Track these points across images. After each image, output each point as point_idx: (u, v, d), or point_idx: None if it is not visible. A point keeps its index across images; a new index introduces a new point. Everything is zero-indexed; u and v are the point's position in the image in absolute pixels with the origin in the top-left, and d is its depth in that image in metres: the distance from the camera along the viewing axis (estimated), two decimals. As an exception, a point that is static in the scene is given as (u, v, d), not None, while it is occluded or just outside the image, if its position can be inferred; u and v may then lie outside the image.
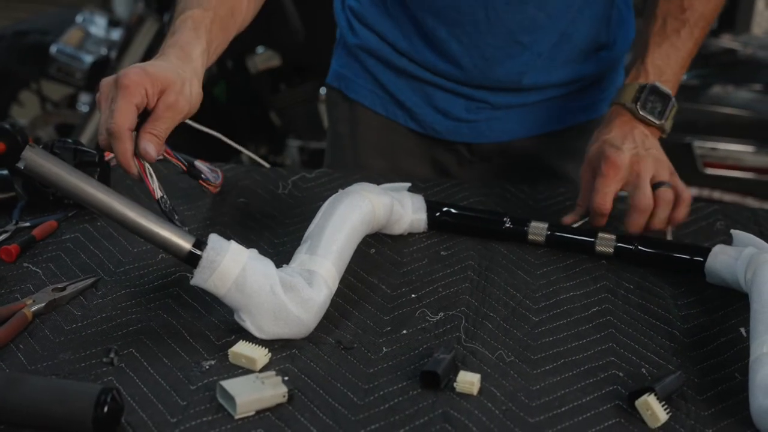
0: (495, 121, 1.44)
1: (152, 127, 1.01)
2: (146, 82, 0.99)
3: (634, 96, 1.23)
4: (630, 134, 1.22)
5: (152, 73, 1.00)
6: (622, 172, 1.18)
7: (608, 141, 1.21)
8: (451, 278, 1.13)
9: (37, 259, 1.14)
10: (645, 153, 1.20)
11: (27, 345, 0.97)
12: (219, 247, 0.96)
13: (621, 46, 1.45)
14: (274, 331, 0.97)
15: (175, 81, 1.01)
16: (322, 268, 1.01)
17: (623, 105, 1.24)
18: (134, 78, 0.99)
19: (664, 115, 1.24)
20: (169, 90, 1.01)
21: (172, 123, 1.02)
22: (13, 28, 3.38)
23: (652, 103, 1.23)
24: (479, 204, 1.34)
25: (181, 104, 1.02)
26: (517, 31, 1.34)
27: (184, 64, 1.05)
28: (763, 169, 2.64)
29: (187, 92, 1.03)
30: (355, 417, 0.88)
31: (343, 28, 1.50)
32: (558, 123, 1.46)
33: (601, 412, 0.90)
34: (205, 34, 1.10)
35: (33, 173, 0.96)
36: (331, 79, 1.55)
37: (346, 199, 1.11)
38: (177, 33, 1.09)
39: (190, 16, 1.11)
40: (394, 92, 1.46)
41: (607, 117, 1.26)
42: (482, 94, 1.41)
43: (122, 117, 0.97)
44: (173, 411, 0.87)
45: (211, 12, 1.12)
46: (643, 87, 1.24)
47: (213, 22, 1.12)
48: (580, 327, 1.04)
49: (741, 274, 1.07)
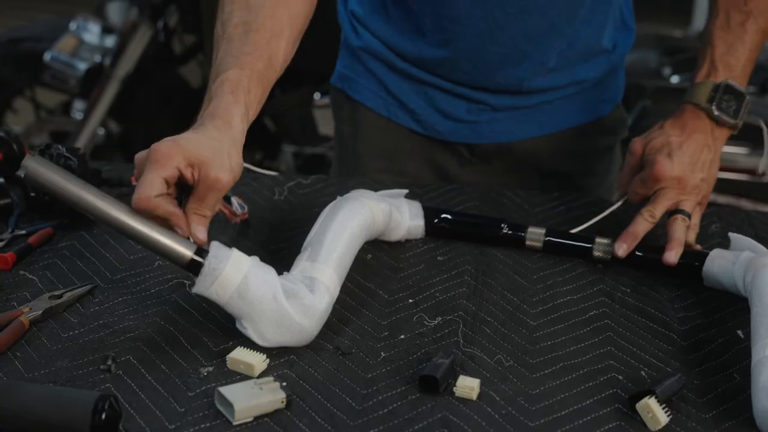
0: (495, 122, 1.44)
1: (197, 207, 0.98)
2: (177, 156, 0.95)
3: (709, 95, 1.21)
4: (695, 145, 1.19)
5: (185, 146, 0.96)
6: (661, 183, 1.18)
7: (669, 144, 1.19)
8: (449, 283, 1.13)
9: (34, 267, 1.14)
10: (693, 175, 1.18)
11: (24, 353, 0.96)
12: (221, 254, 0.96)
13: (622, 49, 1.46)
14: (277, 339, 0.97)
15: (212, 156, 0.97)
16: (323, 275, 1.01)
17: (698, 105, 1.22)
18: (165, 151, 0.95)
19: (739, 114, 1.22)
20: (206, 166, 0.97)
21: (216, 200, 0.99)
22: (7, 35, 3.38)
23: (726, 102, 1.21)
24: (475, 209, 1.34)
25: (224, 180, 0.98)
26: (519, 39, 1.34)
27: (222, 134, 1.01)
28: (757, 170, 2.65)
29: (227, 164, 0.98)
30: (353, 422, 0.87)
31: (346, 31, 1.50)
32: (558, 125, 1.46)
33: (601, 415, 0.90)
34: (244, 95, 1.05)
35: (33, 182, 0.95)
36: (335, 80, 1.55)
37: (345, 205, 1.11)
38: (214, 99, 1.04)
39: (226, 79, 1.05)
40: (396, 93, 1.46)
41: (679, 115, 1.23)
42: (483, 96, 1.41)
43: (146, 188, 0.94)
44: (171, 418, 0.87)
45: (248, 70, 1.06)
46: (717, 86, 1.21)
47: (251, 81, 1.06)
48: (579, 331, 1.04)
49: (739, 278, 1.07)
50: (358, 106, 1.51)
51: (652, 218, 1.17)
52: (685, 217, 1.18)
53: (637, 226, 1.17)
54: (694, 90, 1.23)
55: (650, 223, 1.17)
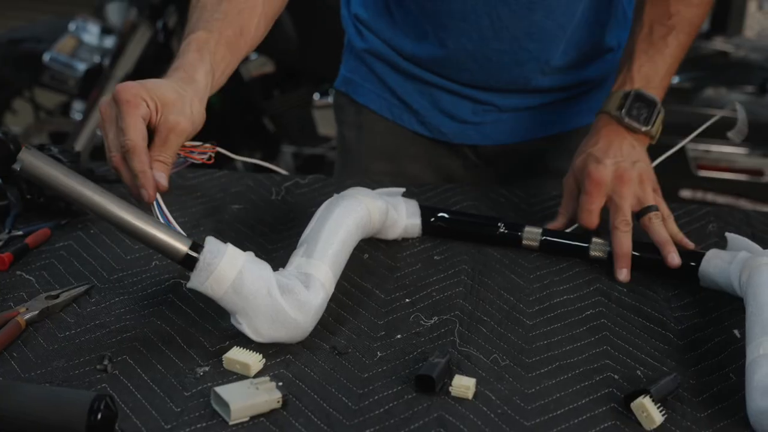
0: (501, 123, 1.44)
1: (159, 154, 0.99)
2: (144, 95, 0.98)
3: (619, 103, 1.23)
4: (615, 145, 1.21)
5: (150, 87, 0.99)
6: (604, 188, 1.18)
7: (592, 154, 1.21)
8: (445, 282, 1.13)
9: (30, 267, 1.14)
10: (629, 166, 1.19)
11: (20, 353, 0.96)
12: (216, 249, 0.96)
13: None
14: (271, 335, 0.97)
15: (174, 99, 1.00)
16: (318, 271, 1.01)
17: (609, 113, 1.24)
18: (132, 91, 0.97)
19: (650, 121, 1.23)
20: (169, 109, 0.99)
21: (177, 146, 1.01)
22: (7, 36, 3.38)
23: (638, 110, 1.23)
24: (472, 208, 1.34)
25: (183, 125, 1.00)
26: (523, 38, 1.34)
27: (185, 84, 1.04)
28: (756, 171, 2.65)
29: (188, 112, 1.01)
30: (349, 422, 0.87)
31: (350, 34, 1.50)
32: (563, 125, 1.47)
33: (596, 414, 0.90)
34: (209, 55, 1.08)
35: (30, 175, 0.95)
36: (339, 84, 1.55)
37: (341, 202, 1.11)
38: (181, 56, 1.07)
39: (195, 38, 1.09)
40: (401, 95, 1.46)
41: (594, 127, 1.26)
42: (488, 96, 1.42)
43: (134, 131, 0.96)
44: (167, 417, 0.87)
45: (216, 33, 1.10)
46: (628, 94, 1.23)
47: (218, 44, 1.10)
48: (575, 330, 1.04)
49: (735, 278, 1.07)
50: (362, 109, 1.51)
51: (627, 226, 1.17)
52: (655, 213, 1.18)
53: (620, 242, 1.16)
54: (607, 99, 1.26)
55: (629, 232, 1.17)
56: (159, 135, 1.00)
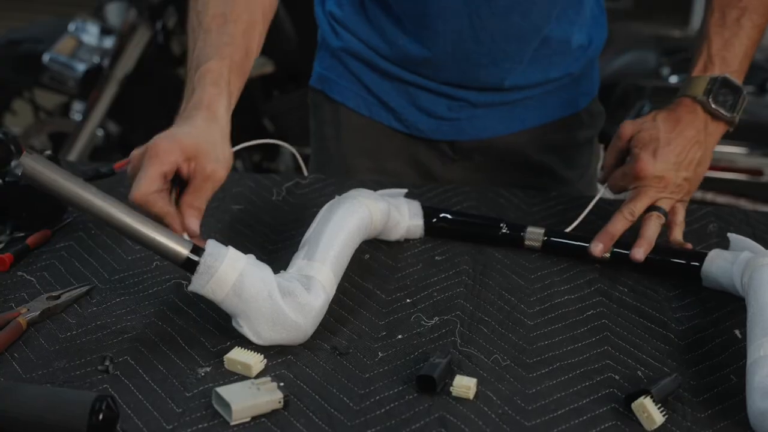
0: (476, 119, 1.45)
1: (193, 200, 1.00)
2: (176, 151, 0.98)
3: (706, 88, 1.20)
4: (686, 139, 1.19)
5: (183, 141, 0.99)
6: (643, 181, 1.18)
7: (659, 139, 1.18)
8: (446, 283, 1.13)
9: (32, 268, 1.14)
10: (677, 174, 1.18)
11: (22, 354, 0.96)
12: (217, 252, 0.96)
13: (597, 43, 1.47)
14: (272, 337, 0.97)
15: (206, 150, 1.00)
16: (319, 273, 1.01)
17: (694, 98, 1.21)
18: (165, 147, 0.98)
19: (735, 108, 1.22)
20: (203, 160, 0.99)
21: (212, 193, 1.02)
22: (6, 36, 3.38)
23: (723, 96, 1.21)
24: (473, 209, 1.34)
25: (219, 173, 1.01)
26: (500, 39, 1.35)
27: (210, 126, 1.03)
28: (756, 170, 2.65)
29: (222, 157, 1.02)
30: (351, 422, 0.87)
31: (324, 32, 1.50)
32: (538, 119, 1.47)
33: (597, 414, 0.90)
34: (226, 86, 1.07)
35: (30, 180, 0.95)
36: (315, 82, 1.55)
37: (343, 204, 1.11)
38: (198, 90, 1.06)
39: (208, 70, 1.07)
40: (377, 93, 1.47)
41: (674, 108, 1.22)
42: (463, 93, 1.42)
43: (144, 185, 0.96)
44: (169, 418, 0.87)
45: (228, 60, 1.09)
46: (715, 79, 1.21)
47: (231, 71, 1.09)
48: (576, 330, 1.04)
49: (737, 278, 1.07)
50: (338, 107, 1.51)
51: (631, 216, 1.17)
52: (660, 214, 1.18)
53: (615, 224, 1.17)
54: (690, 84, 1.23)
55: (629, 221, 1.17)
56: (194, 183, 1.00)
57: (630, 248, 1.16)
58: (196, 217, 1.00)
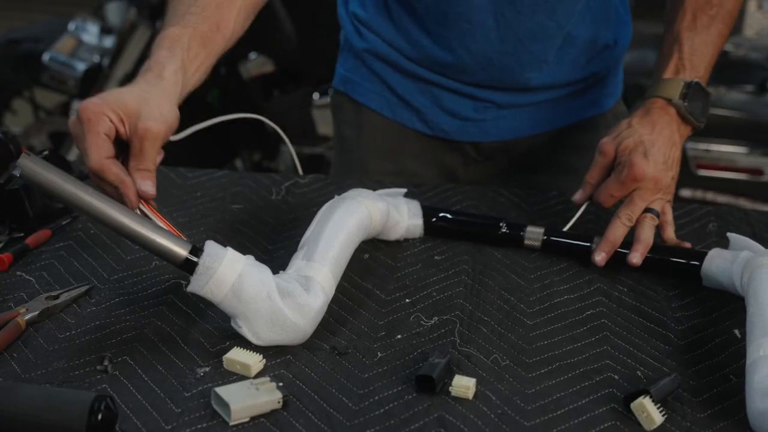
0: (501, 119, 1.44)
1: (138, 163, 0.99)
2: (106, 110, 0.97)
3: (681, 92, 1.21)
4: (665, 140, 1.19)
5: (111, 100, 0.98)
6: (639, 184, 1.17)
7: (643, 142, 1.17)
8: (446, 283, 1.13)
9: (31, 268, 1.14)
10: (666, 173, 1.18)
11: (20, 354, 0.96)
12: (215, 253, 0.96)
13: (622, 44, 1.47)
14: (271, 338, 0.97)
15: (138, 106, 0.99)
16: (318, 274, 1.01)
17: (668, 100, 1.21)
18: (94, 108, 0.97)
19: (704, 114, 1.23)
20: (135, 118, 0.98)
21: (155, 151, 1.00)
22: (6, 36, 3.38)
23: (695, 101, 1.21)
24: (473, 208, 1.34)
25: (155, 129, 0.99)
26: (526, 39, 1.35)
27: (151, 86, 1.02)
28: (756, 170, 2.65)
29: (157, 114, 0.99)
30: (350, 422, 0.87)
31: (348, 33, 1.49)
32: (563, 120, 1.47)
33: (596, 414, 0.90)
34: (181, 51, 1.07)
35: (29, 181, 0.95)
36: (337, 83, 1.55)
37: (342, 204, 1.11)
38: (152, 55, 1.07)
39: (167, 35, 1.09)
40: (401, 94, 1.46)
41: (648, 108, 1.22)
42: (489, 94, 1.42)
43: (96, 151, 0.96)
44: (168, 418, 0.87)
45: (190, 28, 1.09)
46: (689, 84, 1.21)
47: (192, 39, 1.09)
48: (575, 330, 1.04)
49: (737, 278, 1.07)
50: (361, 108, 1.51)
51: (629, 222, 1.17)
52: (654, 216, 1.18)
53: (615, 231, 1.16)
54: (663, 85, 1.23)
55: (628, 227, 1.17)
56: (133, 145, 0.99)
57: (629, 248, 1.16)
58: (146, 178, 0.99)
